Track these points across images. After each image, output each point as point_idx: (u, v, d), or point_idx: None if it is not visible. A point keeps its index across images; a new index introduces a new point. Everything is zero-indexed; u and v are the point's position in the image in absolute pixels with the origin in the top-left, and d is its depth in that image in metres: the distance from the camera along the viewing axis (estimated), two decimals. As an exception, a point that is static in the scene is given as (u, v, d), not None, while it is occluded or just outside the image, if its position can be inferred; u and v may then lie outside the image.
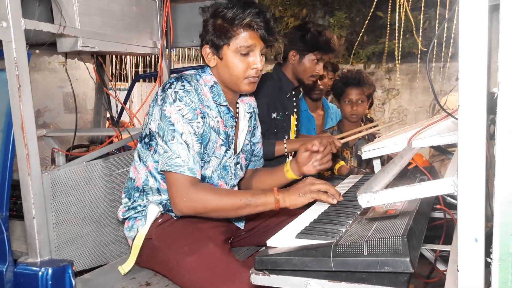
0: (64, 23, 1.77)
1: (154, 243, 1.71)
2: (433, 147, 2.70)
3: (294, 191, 1.61)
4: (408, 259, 1.04)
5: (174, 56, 9.95)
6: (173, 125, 1.62)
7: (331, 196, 1.59)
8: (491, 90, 0.93)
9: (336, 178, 2.95)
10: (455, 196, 0.95)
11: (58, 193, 1.76)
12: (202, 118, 1.68)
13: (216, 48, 1.71)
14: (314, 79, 2.62)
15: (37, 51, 2.94)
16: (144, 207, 1.79)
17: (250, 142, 2.01)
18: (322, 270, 1.14)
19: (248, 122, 1.94)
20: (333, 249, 1.13)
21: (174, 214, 1.77)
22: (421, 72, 7.00)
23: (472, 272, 0.94)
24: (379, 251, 1.07)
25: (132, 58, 10.58)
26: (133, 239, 1.77)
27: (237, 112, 1.90)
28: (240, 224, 1.94)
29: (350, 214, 1.47)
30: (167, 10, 2.30)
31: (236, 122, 1.88)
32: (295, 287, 1.16)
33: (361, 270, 1.09)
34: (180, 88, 1.64)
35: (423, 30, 6.40)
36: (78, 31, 1.83)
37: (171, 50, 2.89)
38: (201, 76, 1.77)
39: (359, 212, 1.47)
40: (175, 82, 1.67)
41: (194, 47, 1.80)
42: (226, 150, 1.81)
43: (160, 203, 1.77)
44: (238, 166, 1.91)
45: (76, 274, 1.71)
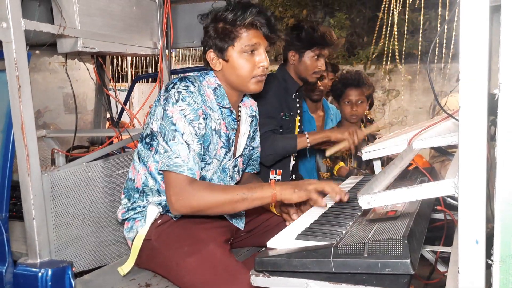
0: (64, 23, 1.77)
1: (153, 244, 1.71)
2: (433, 148, 2.70)
3: (291, 186, 1.60)
4: (408, 260, 1.04)
5: (174, 57, 9.95)
6: (174, 124, 1.62)
7: (321, 197, 1.57)
8: (492, 91, 0.93)
9: (335, 179, 2.94)
10: (456, 197, 0.95)
11: (58, 194, 1.75)
12: (204, 119, 1.68)
13: (220, 51, 1.71)
14: (317, 75, 2.62)
15: (37, 52, 2.95)
16: (144, 208, 1.79)
17: (249, 147, 2.01)
18: (322, 272, 1.14)
19: (249, 126, 1.94)
20: (333, 250, 1.12)
21: (173, 215, 1.76)
22: (421, 73, 7.00)
23: (473, 273, 0.93)
24: (379, 253, 1.07)
25: (133, 58, 10.60)
26: (132, 240, 1.77)
27: (239, 115, 1.90)
28: (240, 225, 1.93)
29: (351, 215, 1.47)
30: (167, 10, 2.30)
31: (238, 126, 1.88)
32: (295, 289, 1.16)
33: (361, 271, 1.09)
34: (184, 89, 1.64)
35: (423, 31, 6.42)
36: (78, 31, 1.83)
37: (171, 50, 2.89)
38: (204, 78, 1.77)
39: (359, 213, 1.47)
40: (178, 83, 1.67)
41: (195, 48, 1.80)
42: (226, 153, 1.81)
43: (159, 204, 1.77)
44: (236, 169, 1.92)
45: (76, 275, 1.71)
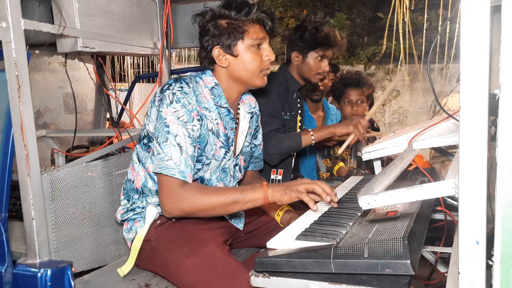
0: (64, 23, 1.77)
1: (153, 244, 1.71)
2: (433, 149, 2.70)
3: (283, 187, 1.59)
4: (408, 261, 1.03)
5: (174, 57, 9.95)
6: (167, 126, 1.61)
7: (312, 200, 1.55)
8: (492, 92, 0.93)
9: (335, 179, 2.94)
10: (456, 197, 0.95)
11: (58, 194, 1.75)
12: (199, 120, 1.68)
13: (228, 47, 1.72)
14: (321, 76, 2.61)
15: (36, 52, 2.94)
16: (143, 208, 1.79)
17: (251, 144, 2.00)
18: (322, 272, 1.13)
19: (249, 123, 1.94)
20: (333, 251, 1.12)
21: (172, 216, 1.76)
22: (421, 73, 7.00)
23: (473, 274, 0.93)
24: (379, 253, 1.07)
25: (133, 58, 10.59)
26: (132, 241, 1.77)
27: (237, 113, 1.89)
28: (239, 225, 1.93)
29: (351, 215, 1.47)
30: (167, 10, 2.30)
31: (237, 124, 1.87)
32: (295, 289, 1.16)
33: (361, 272, 1.09)
34: (178, 90, 1.64)
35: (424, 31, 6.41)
36: (78, 31, 1.83)
37: (171, 50, 2.88)
38: (201, 77, 1.77)
39: (359, 213, 1.47)
40: (173, 84, 1.67)
41: (195, 48, 1.80)
42: (226, 152, 1.81)
43: (158, 204, 1.76)
44: (237, 168, 1.91)
45: (75, 275, 1.71)
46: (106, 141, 2.65)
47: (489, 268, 0.93)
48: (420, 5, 6.13)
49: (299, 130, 2.69)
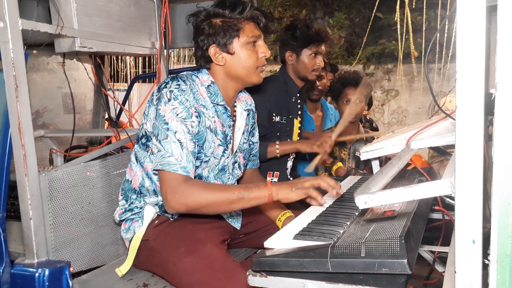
0: (61, 23, 1.77)
1: (151, 244, 1.71)
2: (431, 148, 2.70)
3: (288, 185, 1.61)
4: (405, 260, 1.04)
5: (173, 57, 9.94)
6: (167, 123, 1.62)
7: (320, 194, 1.59)
8: (489, 91, 0.93)
9: (333, 179, 2.94)
10: (454, 197, 0.95)
11: (56, 194, 1.75)
12: (197, 117, 1.68)
13: (224, 45, 1.73)
14: (317, 73, 2.61)
15: (34, 52, 2.94)
16: (141, 208, 1.79)
17: (249, 141, 2.01)
18: (319, 272, 1.14)
19: (246, 120, 1.94)
20: (330, 250, 1.12)
21: (170, 215, 1.76)
22: (420, 73, 7.00)
23: (469, 273, 0.93)
24: (376, 253, 1.07)
25: (132, 58, 10.58)
26: (130, 241, 1.77)
27: (234, 110, 1.90)
28: (236, 224, 1.93)
29: (348, 215, 1.47)
30: (165, 10, 2.30)
31: (234, 121, 1.88)
32: (292, 289, 1.16)
33: (358, 271, 1.09)
34: (175, 87, 1.65)
35: (420, 31, 6.41)
36: (76, 31, 1.83)
37: (170, 50, 2.88)
38: (197, 76, 1.78)
39: (357, 213, 1.47)
40: (170, 82, 1.68)
41: (193, 48, 1.79)
42: (224, 150, 1.81)
43: (156, 204, 1.77)
44: (236, 165, 1.91)
45: (73, 275, 1.71)
46: (105, 141, 2.65)
47: (485, 267, 0.93)
48: (419, 4, 6.13)
49: (299, 132, 2.69)
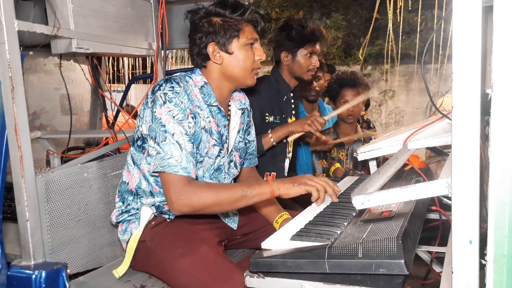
0: (58, 24, 1.76)
1: (148, 245, 1.71)
2: (428, 148, 2.70)
3: (289, 181, 1.65)
4: (402, 261, 1.03)
5: (171, 58, 9.93)
6: (164, 126, 1.62)
7: (321, 198, 1.62)
8: (486, 91, 0.93)
9: (331, 180, 2.94)
10: (451, 197, 0.95)
11: (53, 195, 1.75)
12: (193, 118, 1.69)
13: (223, 44, 1.73)
14: (312, 72, 2.62)
15: (30, 53, 2.94)
16: (138, 209, 1.78)
17: (245, 140, 2.02)
18: (316, 272, 1.14)
19: (241, 118, 1.95)
20: (327, 251, 1.12)
21: (167, 216, 1.76)
22: (417, 73, 7.01)
23: (466, 274, 0.93)
24: (373, 253, 1.07)
25: (130, 59, 10.57)
26: (127, 242, 1.76)
27: (228, 110, 1.90)
28: (233, 225, 1.93)
29: (345, 215, 1.47)
30: (162, 11, 2.30)
31: (228, 120, 1.88)
32: (289, 290, 1.16)
33: (355, 272, 1.09)
34: (169, 90, 1.65)
35: (419, 31, 6.43)
36: (72, 32, 1.82)
37: (167, 51, 2.88)
38: (190, 77, 1.78)
39: (354, 213, 1.47)
40: (164, 84, 1.67)
41: (189, 45, 1.79)
42: (220, 150, 1.81)
43: (153, 205, 1.77)
44: (232, 164, 1.92)
45: (70, 277, 1.70)
46: (102, 142, 2.64)
47: (482, 267, 0.93)
48: (416, 5, 6.15)
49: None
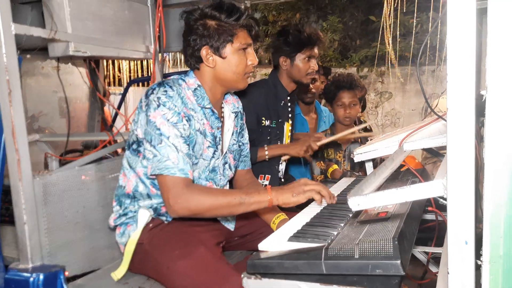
0: (55, 27, 1.76)
1: (145, 247, 1.71)
2: (424, 149, 2.71)
3: (287, 190, 1.64)
4: (399, 261, 1.04)
5: (169, 61, 9.93)
6: (159, 129, 1.62)
7: (322, 198, 1.63)
8: (480, 93, 0.94)
9: (329, 182, 2.95)
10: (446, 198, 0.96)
11: (50, 198, 1.74)
12: (187, 120, 1.69)
13: (217, 49, 1.74)
14: (312, 76, 2.64)
15: (28, 56, 2.94)
16: (135, 212, 1.78)
17: (239, 142, 2.03)
18: (313, 274, 1.14)
19: (234, 121, 1.96)
20: (324, 252, 1.13)
21: (165, 218, 1.76)
22: (413, 75, 7.03)
23: (462, 274, 0.94)
24: (370, 254, 1.08)
25: (129, 62, 10.55)
26: (125, 245, 1.76)
27: (222, 112, 1.91)
28: (230, 226, 1.94)
29: (342, 217, 1.47)
30: (159, 14, 2.30)
31: (222, 122, 1.89)
32: (286, 291, 1.17)
33: (352, 273, 1.09)
34: (163, 94, 1.65)
35: (415, 33, 6.45)
36: (69, 35, 1.83)
37: (165, 54, 2.88)
38: (184, 80, 1.79)
39: (351, 214, 1.47)
40: (157, 88, 1.68)
41: (182, 46, 1.81)
42: (214, 152, 1.82)
43: (150, 207, 1.77)
44: (227, 166, 1.92)
45: (68, 280, 1.70)
46: (100, 144, 2.64)
47: (478, 268, 0.94)
48: (412, 7, 6.17)
49: (290, 135, 2.70)
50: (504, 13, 0.86)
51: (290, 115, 2.71)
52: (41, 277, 1.56)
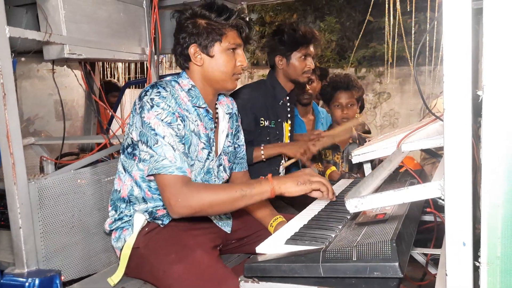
0: (50, 30, 1.76)
1: (141, 252, 1.69)
2: (422, 150, 2.71)
3: (291, 179, 1.59)
4: (397, 263, 1.03)
5: (166, 62, 9.92)
6: (154, 130, 1.61)
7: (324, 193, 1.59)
8: (477, 93, 0.93)
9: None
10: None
11: (46, 202, 1.73)
12: (182, 121, 1.68)
13: (205, 47, 1.73)
14: (308, 75, 2.63)
15: (22, 59, 2.93)
16: (130, 216, 1.77)
17: (234, 144, 2.01)
18: (311, 277, 1.13)
19: (229, 123, 1.95)
20: (322, 255, 1.12)
21: (160, 222, 1.75)
22: (412, 75, 7.04)
23: (460, 276, 0.93)
24: (368, 256, 1.07)
25: (124, 64, 10.54)
26: (121, 250, 1.75)
27: (216, 113, 1.90)
28: (227, 228, 1.93)
29: (340, 219, 1.47)
30: (155, 16, 2.29)
31: (216, 123, 1.88)
32: (284, 294, 1.16)
33: (350, 275, 1.09)
34: (156, 95, 1.65)
35: (413, 33, 6.46)
36: (64, 38, 1.82)
37: (161, 56, 2.88)
38: (177, 81, 1.78)
39: (349, 216, 1.47)
40: (150, 90, 1.67)
41: (173, 44, 1.81)
42: (209, 153, 1.81)
43: (146, 211, 1.76)
44: (221, 168, 1.91)
45: (64, 284, 1.69)
46: (96, 147, 2.63)
47: (476, 269, 0.93)
48: (410, 8, 6.18)
49: (289, 135, 2.70)
50: (499, 13, 0.85)
51: (289, 115, 2.70)
52: (37, 282, 1.55)
